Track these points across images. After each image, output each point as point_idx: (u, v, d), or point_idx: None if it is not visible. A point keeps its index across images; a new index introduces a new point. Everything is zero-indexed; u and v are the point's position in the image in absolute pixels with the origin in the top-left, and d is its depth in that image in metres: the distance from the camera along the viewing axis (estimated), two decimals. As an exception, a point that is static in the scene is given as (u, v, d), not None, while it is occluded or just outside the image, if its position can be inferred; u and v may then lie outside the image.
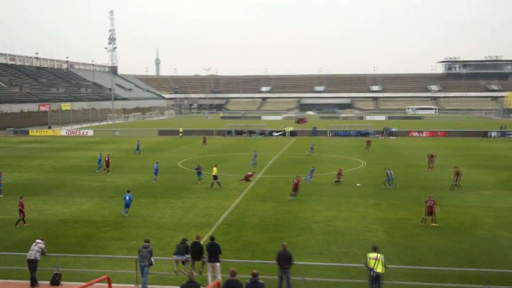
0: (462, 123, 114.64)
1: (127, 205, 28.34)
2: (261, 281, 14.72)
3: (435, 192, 34.44)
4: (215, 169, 36.97)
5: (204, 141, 68.94)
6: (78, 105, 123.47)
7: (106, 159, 44.78)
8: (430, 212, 26.05)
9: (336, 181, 38.12)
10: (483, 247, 22.43)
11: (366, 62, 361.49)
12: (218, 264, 17.81)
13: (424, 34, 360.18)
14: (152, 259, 17.93)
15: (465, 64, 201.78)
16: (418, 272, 19.06)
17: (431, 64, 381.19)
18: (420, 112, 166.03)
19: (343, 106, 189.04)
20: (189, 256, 18.46)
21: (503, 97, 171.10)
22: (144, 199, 32.80)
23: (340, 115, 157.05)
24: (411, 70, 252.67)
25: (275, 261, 17.41)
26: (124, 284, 18.26)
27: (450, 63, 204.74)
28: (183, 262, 18.66)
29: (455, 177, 36.01)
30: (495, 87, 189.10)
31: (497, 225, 26.16)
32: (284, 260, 17.15)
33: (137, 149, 58.50)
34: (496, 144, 67.16)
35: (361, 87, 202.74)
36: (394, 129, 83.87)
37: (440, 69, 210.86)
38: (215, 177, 36.46)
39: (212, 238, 18.55)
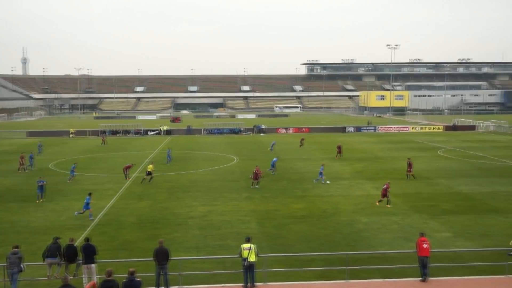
0: (324, 119, 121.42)
1: None
2: (138, 279, 14.35)
3: (301, 183, 36.12)
4: (151, 166, 37.95)
5: (104, 142, 66.10)
6: None
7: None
8: (385, 194, 28.80)
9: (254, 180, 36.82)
10: (344, 232, 23.94)
11: (236, 63, 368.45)
12: (93, 265, 17.00)
13: (288, 37, 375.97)
14: (22, 265, 16.62)
15: (324, 66, 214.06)
16: (288, 258, 19.82)
17: (295, 66, 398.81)
18: (287, 110, 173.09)
19: (216, 105, 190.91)
20: (62, 259, 17.40)
21: (357, 96, 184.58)
22: (12, 203, 30.29)
23: (214, 114, 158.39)
24: (278, 72, 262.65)
25: (152, 258, 17.07)
26: (-9, 294, 16.71)
27: (311, 65, 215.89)
28: (57, 265, 17.55)
29: (408, 168, 38.12)
30: (350, 87, 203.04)
31: (355, 211, 28.07)
32: (161, 256, 16.87)
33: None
34: (352, 138, 72.07)
35: (232, 87, 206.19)
36: (263, 126, 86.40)
37: (303, 71, 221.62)
38: (148, 173, 36.92)
39: (87, 240, 17.68)
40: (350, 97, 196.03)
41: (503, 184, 35.48)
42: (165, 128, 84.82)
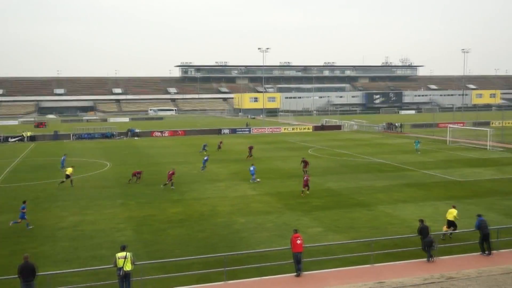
0: (199, 122, 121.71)
1: None
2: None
3: (178, 187, 35.81)
4: (70, 169, 37.46)
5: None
6: None
7: None
8: (306, 184, 32.52)
9: (165, 184, 36.21)
10: (221, 233, 24.16)
11: (107, 64, 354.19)
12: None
13: (162, 39, 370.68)
14: None
15: (198, 68, 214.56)
16: (166, 264, 19.50)
17: (169, 68, 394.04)
18: (161, 113, 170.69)
19: (85, 109, 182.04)
20: None
21: (232, 98, 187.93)
22: None
23: (83, 118, 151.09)
24: (152, 74, 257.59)
25: (17, 276, 15.77)
26: None
27: (185, 68, 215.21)
28: None
29: (304, 165, 40.38)
30: (225, 90, 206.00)
31: (232, 212, 28.48)
32: (27, 273, 15.66)
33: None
34: (228, 140, 73.01)
35: (103, 89, 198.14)
36: (137, 130, 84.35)
37: (177, 73, 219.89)
38: (67, 176, 36.57)
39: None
40: (224, 99, 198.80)
41: (367, 180, 38.35)
42: (29, 134, 78.95)
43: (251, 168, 38.88)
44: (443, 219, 25.95)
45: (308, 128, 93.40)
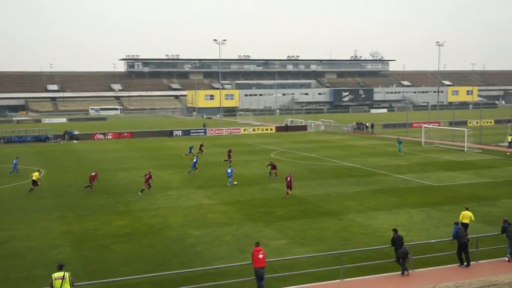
0: (148, 122, 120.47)
1: None
2: None
3: (124, 197, 35.41)
4: (36, 173, 38.16)
5: None
6: None
7: None
8: (289, 185, 34.88)
9: (142, 190, 36.69)
10: (174, 248, 23.96)
11: (40, 58, 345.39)
12: None
13: (104, 29, 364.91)
14: None
15: (146, 62, 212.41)
16: (109, 285, 19.16)
17: (113, 62, 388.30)
18: (104, 113, 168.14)
19: (15, 108, 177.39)
20: None
21: (185, 95, 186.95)
22: None
23: (13, 118, 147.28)
24: (93, 68, 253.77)
25: None
26: None
27: (131, 61, 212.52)
28: None
29: (273, 170, 42.12)
30: (177, 86, 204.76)
31: (186, 224, 28.30)
32: None
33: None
34: (181, 143, 72.62)
35: (36, 86, 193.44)
36: (76, 132, 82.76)
37: (122, 67, 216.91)
38: (34, 182, 37.19)
39: None
40: (176, 96, 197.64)
41: (335, 185, 38.85)
42: None
43: (229, 171, 39.92)
44: (419, 228, 26.57)
45: (271, 129, 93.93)
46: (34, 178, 37.64)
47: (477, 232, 24.38)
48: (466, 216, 24.07)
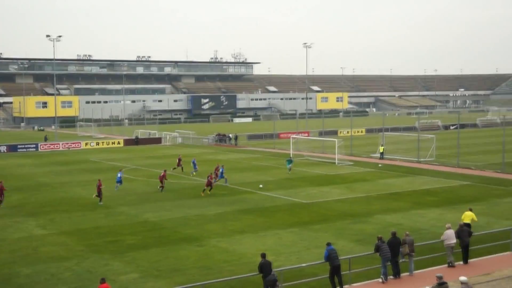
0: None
1: None
2: None
3: None
4: None
5: None
6: None
7: None
8: (209, 184, 42.37)
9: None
10: (-3, 292, 22.65)
11: None
12: None
13: None
14: None
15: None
16: None
17: None
18: None
19: None
20: None
21: (10, 103, 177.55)
22: None
23: None
24: None
25: None
26: None
27: None
28: None
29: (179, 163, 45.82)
30: (1, 92, 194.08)
31: (13, 261, 26.84)
32: None
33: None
34: (5, 161, 68.83)
35: None
36: None
37: None
38: None
39: None
40: (1, 104, 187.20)
41: (195, 207, 39.06)
42: None
43: (118, 175, 44.44)
44: (289, 252, 27.55)
45: (118, 143, 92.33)
46: None
47: (349, 252, 25.79)
48: (467, 216, 27.07)
